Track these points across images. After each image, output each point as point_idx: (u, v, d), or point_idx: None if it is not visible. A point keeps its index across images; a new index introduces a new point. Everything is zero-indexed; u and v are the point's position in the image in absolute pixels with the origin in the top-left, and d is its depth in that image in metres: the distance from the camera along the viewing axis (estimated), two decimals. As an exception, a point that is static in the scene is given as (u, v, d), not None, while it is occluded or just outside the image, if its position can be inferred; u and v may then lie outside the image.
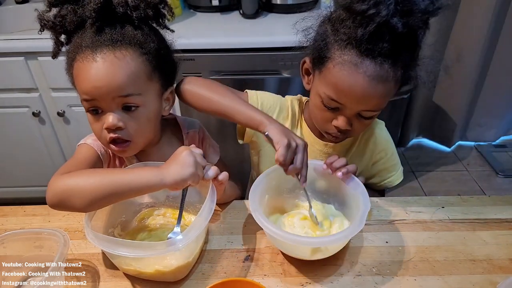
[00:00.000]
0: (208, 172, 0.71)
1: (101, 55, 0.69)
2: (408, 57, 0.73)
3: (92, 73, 0.69)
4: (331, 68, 0.74)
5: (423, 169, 2.27)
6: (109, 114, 0.72)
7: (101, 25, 0.70)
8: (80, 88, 0.71)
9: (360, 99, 0.74)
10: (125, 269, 0.71)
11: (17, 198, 1.93)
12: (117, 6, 0.69)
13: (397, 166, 0.97)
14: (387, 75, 0.71)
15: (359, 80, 0.71)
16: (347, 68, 0.72)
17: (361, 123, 0.80)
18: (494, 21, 1.96)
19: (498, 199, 0.89)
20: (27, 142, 1.78)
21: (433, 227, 0.82)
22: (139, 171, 0.66)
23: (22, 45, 1.51)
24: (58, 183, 0.65)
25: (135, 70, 0.71)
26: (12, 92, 1.65)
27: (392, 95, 0.76)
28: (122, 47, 0.70)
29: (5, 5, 1.85)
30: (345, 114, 0.78)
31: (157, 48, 0.75)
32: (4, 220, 0.86)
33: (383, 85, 0.72)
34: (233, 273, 0.73)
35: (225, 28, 1.66)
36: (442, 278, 0.71)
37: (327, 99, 0.77)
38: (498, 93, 2.23)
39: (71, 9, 0.69)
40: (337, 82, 0.74)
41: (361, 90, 0.72)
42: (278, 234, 0.66)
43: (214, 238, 0.81)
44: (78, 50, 0.70)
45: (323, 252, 0.72)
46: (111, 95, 0.70)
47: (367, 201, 0.72)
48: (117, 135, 0.73)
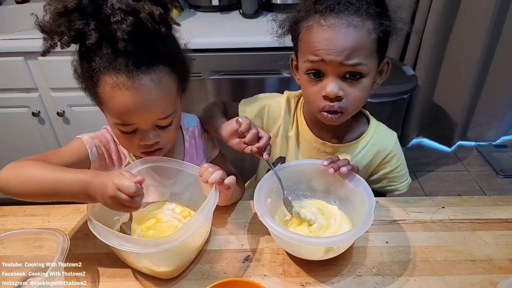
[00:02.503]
0: (213, 175, 0.71)
1: (138, 81, 0.66)
2: (369, 5, 0.73)
3: (130, 102, 0.68)
4: (304, 39, 0.77)
5: (423, 169, 2.27)
6: (146, 132, 0.73)
7: (133, 47, 0.65)
8: (115, 113, 0.70)
9: (337, 50, 0.72)
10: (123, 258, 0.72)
11: (17, 198, 1.92)
12: (146, 23, 0.65)
13: (401, 178, 0.94)
14: (354, 23, 0.72)
15: (327, 33, 0.73)
16: (316, 28, 0.74)
17: (353, 87, 0.76)
18: (494, 21, 1.96)
19: (499, 199, 0.89)
20: (27, 142, 1.78)
21: (433, 227, 0.82)
22: (71, 180, 0.66)
23: (22, 45, 1.51)
24: (5, 170, 0.68)
25: (170, 89, 0.72)
26: (12, 92, 1.65)
27: (372, 51, 0.75)
28: (156, 67, 0.68)
29: (5, 5, 1.85)
30: (330, 76, 0.75)
31: (182, 58, 0.76)
32: (4, 220, 0.86)
33: (353, 32, 0.72)
34: (233, 273, 0.73)
35: (225, 28, 1.66)
36: (442, 278, 0.71)
37: (310, 66, 0.77)
38: (499, 93, 2.23)
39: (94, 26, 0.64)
40: (310, 44, 0.75)
41: (333, 40, 0.72)
42: (291, 238, 0.66)
43: (214, 238, 0.81)
44: (107, 72, 0.66)
45: (335, 251, 0.72)
46: (149, 120, 0.72)
47: (371, 196, 0.73)
48: (153, 148, 0.76)
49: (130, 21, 0.63)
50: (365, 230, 0.66)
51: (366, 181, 0.94)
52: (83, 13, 0.64)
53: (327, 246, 0.69)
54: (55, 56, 0.72)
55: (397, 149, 0.92)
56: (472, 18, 1.96)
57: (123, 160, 0.85)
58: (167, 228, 0.78)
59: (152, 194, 0.84)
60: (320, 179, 0.83)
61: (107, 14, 0.64)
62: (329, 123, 0.82)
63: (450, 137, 2.38)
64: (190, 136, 0.91)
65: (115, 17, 0.63)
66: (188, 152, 0.90)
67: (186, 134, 0.91)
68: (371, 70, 0.76)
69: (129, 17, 0.63)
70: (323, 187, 0.84)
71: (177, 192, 0.84)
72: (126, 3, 0.64)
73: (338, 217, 0.80)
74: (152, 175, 0.81)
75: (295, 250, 0.73)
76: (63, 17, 0.64)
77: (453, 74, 2.16)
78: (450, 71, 2.16)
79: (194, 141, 0.92)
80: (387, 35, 0.76)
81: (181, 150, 0.90)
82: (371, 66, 0.75)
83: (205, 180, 0.72)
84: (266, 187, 0.77)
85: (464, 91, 2.18)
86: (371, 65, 0.75)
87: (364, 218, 0.68)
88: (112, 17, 0.63)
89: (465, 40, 2.03)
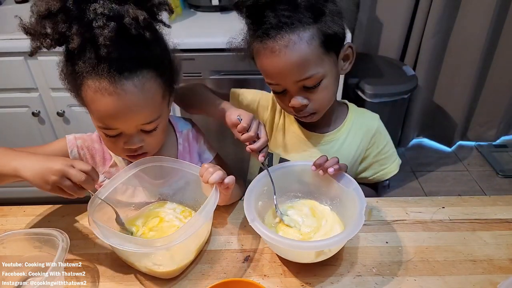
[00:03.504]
0: (213, 175, 0.71)
1: (120, 87, 0.66)
2: (302, 16, 0.74)
3: (112, 107, 0.67)
4: (257, 62, 0.82)
5: (423, 169, 2.27)
6: (130, 137, 0.73)
7: (116, 52, 0.64)
8: (98, 117, 0.70)
9: (286, 72, 0.76)
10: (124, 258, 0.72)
11: (17, 198, 1.92)
12: (129, 28, 0.63)
13: (391, 158, 0.96)
14: (292, 40, 0.73)
15: (270, 58, 0.76)
16: (261, 53, 0.77)
17: (315, 93, 0.80)
18: (495, 21, 1.96)
19: (499, 199, 0.89)
20: (27, 142, 1.78)
21: (433, 227, 0.82)
22: (9, 160, 0.67)
23: (22, 45, 1.50)
24: None
25: (155, 95, 0.72)
26: (11, 92, 1.65)
27: (319, 56, 0.76)
28: (139, 72, 0.67)
29: (5, 5, 1.85)
30: (291, 92, 0.80)
31: (169, 62, 0.75)
32: (4, 220, 0.86)
33: (293, 50, 0.74)
34: (233, 273, 0.73)
35: (225, 27, 1.66)
36: (442, 278, 0.71)
37: (271, 87, 0.83)
38: (499, 93, 2.23)
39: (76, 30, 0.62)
40: (262, 69, 0.81)
41: (278, 63, 0.75)
42: (280, 242, 0.66)
43: (214, 239, 0.81)
44: (90, 76, 0.66)
45: (327, 254, 0.71)
46: (133, 125, 0.71)
47: (362, 196, 0.72)
48: (137, 153, 0.76)
49: (112, 27, 0.62)
50: (356, 232, 0.66)
51: (358, 172, 0.94)
52: (67, 16, 0.62)
53: (317, 249, 0.68)
54: (55, 56, 0.72)
55: (381, 128, 0.95)
56: (472, 18, 1.96)
57: (107, 161, 0.86)
58: (168, 228, 0.78)
59: (150, 194, 0.85)
60: (312, 180, 0.82)
61: (89, 19, 0.62)
62: (310, 121, 0.87)
63: (450, 137, 2.37)
64: (184, 139, 0.91)
65: (97, 22, 0.62)
66: (181, 155, 0.90)
67: (180, 137, 0.90)
68: (328, 69, 0.79)
69: (111, 23, 0.62)
70: (315, 188, 0.83)
71: (178, 192, 0.84)
72: (109, 8, 0.62)
73: (330, 218, 0.80)
74: (152, 176, 0.81)
75: (286, 254, 0.73)
76: (46, 19, 0.63)
77: (453, 74, 2.16)
78: (450, 71, 2.16)
79: (187, 144, 0.92)
80: (329, 34, 0.77)
81: (174, 153, 0.90)
82: (326, 68, 0.78)
83: (205, 180, 0.72)
84: (256, 190, 0.77)
85: (464, 91, 2.18)
86: (325, 68, 0.78)
87: (355, 220, 0.68)
88: (95, 22, 0.62)
89: (465, 40, 2.03)
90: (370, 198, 0.92)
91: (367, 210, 0.85)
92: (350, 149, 0.94)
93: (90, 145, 0.84)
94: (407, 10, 1.98)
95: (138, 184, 0.81)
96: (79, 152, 0.83)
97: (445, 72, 2.19)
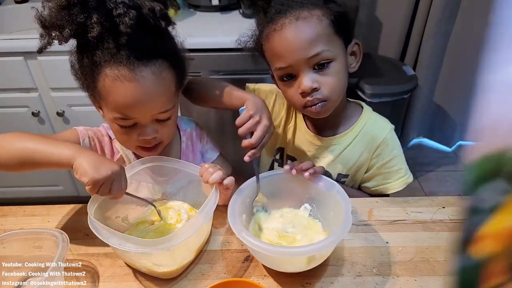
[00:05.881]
0: (213, 175, 0.71)
1: (139, 73, 0.67)
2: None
3: (131, 94, 0.68)
4: (267, 50, 0.82)
5: (423, 169, 2.27)
6: (145, 127, 0.73)
7: (135, 41, 0.66)
8: (115, 107, 0.70)
9: (296, 46, 0.76)
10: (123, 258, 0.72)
11: (17, 198, 1.92)
12: (147, 18, 0.67)
13: (396, 174, 0.91)
14: (302, 16, 0.75)
15: (282, 34, 0.76)
16: (272, 35, 0.78)
17: (325, 76, 0.78)
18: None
19: (499, 199, 0.89)
20: (27, 142, 1.78)
21: (433, 227, 0.82)
22: (61, 149, 0.66)
23: (21, 45, 1.51)
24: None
25: (170, 84, 0.73)
26: (11, 92, 1.65)
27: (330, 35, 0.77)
28: (155, 61, 0.69)
29: (5, 5, 1.85)
30: (301, 73, 0.78)
31: (180, 55, 0.76)
32: (3, 220, 0.86)
33: (304, 24, 0.75)
34: (233, 273, 0.73)
35: (225, 27, 1.66)
36: (442, 278, 0.71)
37: (281, 72, 0.81)
38: (499, 93, 2.23)
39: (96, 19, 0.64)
40: (273, 52, 0.80)
41: (289, 38, 0.76)
42: (272, 251, 0.63)
43: (214, 238, 0.80)
44: (108, 65, 0.67)
45: (317, 260, 0.69)
46: (149, 114, 0.72)
47: (346, 197, 0.71)
48: (151, 144, 0.76)
49: (133, 14, 0.64)
50: (346, 233, 0.64)
51: (362, 180, 0.92)
52: (85, 7, 0.64)
53: (309, 255, 0.66)
54: (55, 56, 0.72)
55: (390, 141, 0.91)
56: (472, 18, 1.96)
57: (115, 155, 0.86)
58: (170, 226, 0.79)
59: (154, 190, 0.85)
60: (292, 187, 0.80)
61: (109, 8, 0.64)
62: (318, 115, 0.83)
63: (450, 137, 2.37)
64: (187, 138, 0.92)
65: (118, 10, 0.64)
66: (184, 154, 0.91)
67: (184, 136, 0.91)
68: (337, 54, 0.78)
69: (131, 11, 0.64)
70: (296, 195, 0.81)
71: (180, 190, 0.84)
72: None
73: (313, 227, 0.78)
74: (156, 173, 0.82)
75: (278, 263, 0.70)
76: (65, 10, 0.64)
77: (453, 74, 2.16)
78: (450, 71, 2.16)
79: (191, 143, 0.92)
80: (340, 17, 0.78)
81: (177, 150, 0.90)
82: (335, 51, 0.78)
83: (205, 180, 0.72)
84: (240, 202, 0.74)
85: (464, 91, 2.18)
86: (334, 50, 0.78)
87: (343, 222, 0.66)
88: (115, 10, 0.64)
89: (465, 40, 2.03)
90: (370, 198, 0.92)
91: (367, 210, 0.85)
92: (352, 155, 0.91)
93: (100, 137, 0.85)
94: (407, 10, 1.98)
95: (142, 180, 0.82)
96: (90, 142, 0.83)
97: (445, 72, 2.19)
